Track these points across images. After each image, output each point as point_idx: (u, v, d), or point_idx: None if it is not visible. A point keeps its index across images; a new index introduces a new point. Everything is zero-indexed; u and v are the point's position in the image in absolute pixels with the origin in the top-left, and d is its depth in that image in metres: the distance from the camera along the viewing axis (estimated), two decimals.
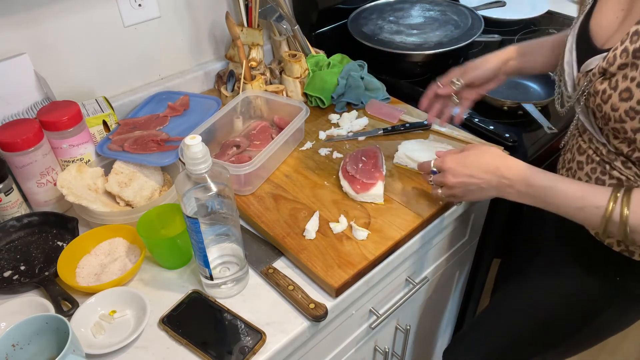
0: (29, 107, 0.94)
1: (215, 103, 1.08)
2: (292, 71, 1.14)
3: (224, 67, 1.24)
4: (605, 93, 0.65)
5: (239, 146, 0.99)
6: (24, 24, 0.93)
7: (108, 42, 1.05)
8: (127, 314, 0.74)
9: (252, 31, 1.13)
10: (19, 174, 0.85)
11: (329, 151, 1.00)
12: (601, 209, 0.64)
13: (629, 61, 0.61)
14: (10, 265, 0.81)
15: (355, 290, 0.77)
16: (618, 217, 0.63)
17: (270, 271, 0.78)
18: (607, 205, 0.64)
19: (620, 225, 0.64)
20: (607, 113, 0.65)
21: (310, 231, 0.81)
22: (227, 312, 0.73)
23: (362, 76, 1.15)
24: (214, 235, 0.70)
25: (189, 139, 0.62)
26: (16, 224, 0.85)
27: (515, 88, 1.19)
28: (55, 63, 1.00)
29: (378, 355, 1.03)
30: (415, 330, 1.17)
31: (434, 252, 1.00)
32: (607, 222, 0.64)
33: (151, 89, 1.14)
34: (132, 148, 0.93)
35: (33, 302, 0.73)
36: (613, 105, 0.64)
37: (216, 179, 0.65)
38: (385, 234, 0.81)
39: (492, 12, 1.45)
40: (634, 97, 0.61)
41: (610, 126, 0.67)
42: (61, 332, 0.62)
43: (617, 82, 0.63)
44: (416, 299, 1.06)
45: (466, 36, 1.26)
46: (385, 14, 1.40)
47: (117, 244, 0.82)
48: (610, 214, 0.64)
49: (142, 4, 1.06)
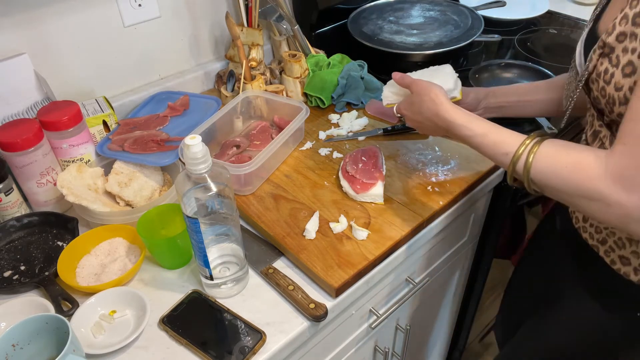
0: (29, 107, 0.94)
1: (215, 103, 1.08)
2: (292, 71, 1.14)
3: (224, 67, 1.24)
4: (608, 72, 0.62)
5: (239, 146, 0.99)
6: (24, 24, 0.93)
7: (108, 42, 1.05)
8: (127, 314, 0.74)
9: (252, 31, 1.13)
10: (19, 174, 0.85)
11: (329, 151, 1.00)
12: (510, 155, 0.66)
13: (629, 30, 0.59)
14: (10, 265, 0.81)
15: (355, 290, 0.77)
16: (523, 164, 0.65)
17: (270, 271, 0.78)
18: (515, 151, 0.66)
19: (524, 172, 0.65)
20: (611, 95, 0.62)
21: (310, 231, 0.81)
22: (227, 312, 0.73)
23: (362, 76, 1.15)
24: (214, 235, 0.70)
25: (189, 139, 0.62)
26: (16, 224, 0.85)
27: None
28: (55, 63, 1.00)
29: (378, 355, 1.03)
30: (415, 330, 1.17)
31: (434, 252, 1.00)
32: (513, 167, 0.66)
33: (151, 89, 1.14)
34: (132, 148, 0.93)
35: (33, 302, 0.73)
36: (617, 84, 0.61)
37: (216, 179, 0.65)
38: (385, 234, 0.81)
39: (492, 12, 1.45)
40: (637, 69, 0.58)
41: (615, 112, 0.63)
42: (61, 332, 0.62)
43: (618, 58, 0.61)
44: (416, 299, 1.06)
45: (466, 36, 1.26)
46: (385, 14, 1.40)
47: (117, 244, 0.82)
48: (517, 160, 0.66)
49: (142, 4, 1.06)
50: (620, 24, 0.60)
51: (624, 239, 0.69)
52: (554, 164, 0.62)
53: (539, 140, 0.65)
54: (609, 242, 0.72)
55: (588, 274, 0.78)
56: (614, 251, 0.71)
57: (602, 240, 0.73)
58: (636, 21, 0.58)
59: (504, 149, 0.68)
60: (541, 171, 0.64)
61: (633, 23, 0.58)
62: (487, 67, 1.22)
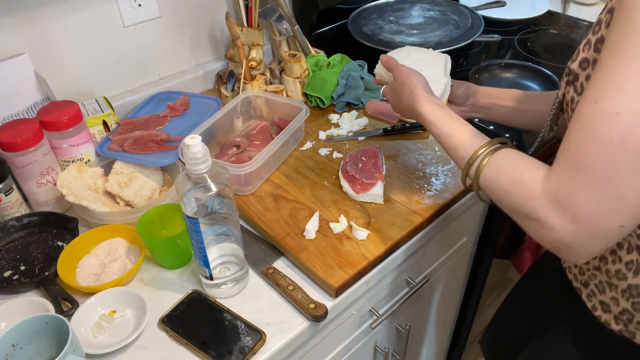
0: (29, 107, 0.94)
1: (215, 103, 1.08)
2: (292, 71, 1.14)
3: (224, 67, 1.24)
4: (574, 101, 0.60)
5: (239, 146, 0.99)
6: (24, 24, 0.93)
7: (108, 42, 1.05)
8: (127, 314, 0.74)
9: (252, 31, 1.13)
10: (19, 174, 0.85)
11: (329, 151, 1.00)
12: (465, 158, 0.64)
13: (591, 56, 0.56)
14: (10, 265, 0.81)
15: (355, 290, 0.77)
16: (475, 167, 0.63)
17: (270, 271, 0.78)
18: (474, 152, 0.63)
19: (475, 175, 0.62)
20: None
21: (310, 231, 0.81)
22: (227, 312, 0.73)
23: (362, 76, 1.15)
24: (214, 235, 0.70)
25: (189, 139, 0.62)
26: (16, 224, 0.85)
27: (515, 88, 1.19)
28: (55, 63, 1.00)
29: (378, 355, 1.03)
30: (415, 330, 1.17)
31: (434, 252, 1.00)
32: (467, 170, 0.64)
33: (151, 89, 1.14)
34: (132, 148, 0.93)
35: (33, 302, 0.73)
36: None
37: (216, 179, 0.65)
38: (385, 234, 0.81)
39: (492, 12, 1.45)
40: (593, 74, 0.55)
41: None
42: (61, 332, 0.62)
43: (582, 86, 0.58)
44: (416, 299, 1.06)
45: (466, 36, 1.26)
46: (385, 14, 1.40)
47: (117, 244, 0.82)
48: (472, 163, 0.63)
49: (142, 4, 1.06)
50: (583, 50, 0.58)
51: (604, 283, 0.65)
52: (499, 175, 0.60)
53: (497, 148, 0.62)
54: (591, 285, 0.68)
55: (573, 321, 0.74)
56: (595, 296, 0.67)
57: (584, 282, 0.69)
58: (598, 47, 0.55)
59: (463, 152, 0.65)
60: (488, 180, 0.61)
61: (595, 49, 0.56)
62: (487, 67, 1.22)
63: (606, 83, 0.48)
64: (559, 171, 0.52)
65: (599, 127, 0.48)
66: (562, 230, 0.51)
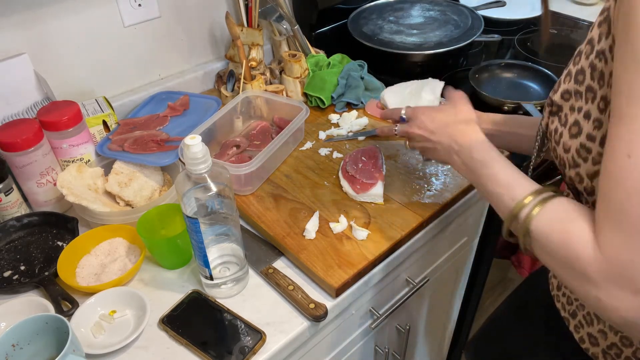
0: (29, 107, 0.94)
1: (215, 103, 1.08)
2: (292, 71, 1.14)
3: (224, 67, 1.24)
4: (557, 132, 0.57)
5: (239, 146, 0.99)
6: (24, 24, 0.93)
7: (108, 42, 1.05)
8: (127, 314, 0.74)
9: (252, 31, 1.13)
10: (19, 174, 0.85)
11: (329, 151, 1.00)
12: (515, 201, 0.57)
13: (572, 88, 0.54)
14: (10, 265, 0.81)
15: (355, 290, 0.77)
16: (525, 215, 0.55)
17: (270, 271, 0.78)
18: (522, 199, 0.56)
19: (523, 224, 0.55)
20: (561, 157, 0.56)
21: (310, 231, 0.81)
22: (227, 312, 0.73)
23: (362, 76, 1.15)
24: (214, 235, 0.70)
25: (189, 139, 0.62)
26: (16, 224, 0.85)
27: (515, 88, 1.19)
28: (55, 63, 1.00)
29: (378, 355, 1.03)
30: (415, 330, 1.17)
31: (434, 252, 1.00)
32: (513, 217, 0.57)
33: (151, 89, 1.14)
34: (132, 148, 0.93)
35: (33, 302, 0.73)
36: (565, 145, 0.55)
37: (216, 179, 0.65)
38: (385, 234, 0.81)
39: (492, 12, 1.45)
40: (582, 131, 0.52)
41: (567, 175, 0.57)
42: (61, 332, 0.62)
43: (567, 117, 0.55)
44: (416, 299, 1.06)
45: (466, 36, 1.26)
46: (385, 14, 1.40)
47: (117, 244, 0.82)
48: (519, 210, 0.55)
49: (142, 4, 1.06)
50: (564, 82, 0.56)
51: (592, 315, 0.62)
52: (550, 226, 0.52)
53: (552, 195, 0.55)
54: (579, 316, 0.65)
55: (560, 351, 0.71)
56: (582, 327, 0.64)
57: (572, 312, 0.66)
58: (578, 79, 0.54)
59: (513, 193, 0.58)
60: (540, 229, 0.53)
61: (575, 81, 0.54)
62: (487, 67, 1.22)
63: (635, 135, 0.43)
64: (608, 237, 0.45)
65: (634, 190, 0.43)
66: (626, 306, 0.44)
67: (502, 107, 1.10)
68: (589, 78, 0.52)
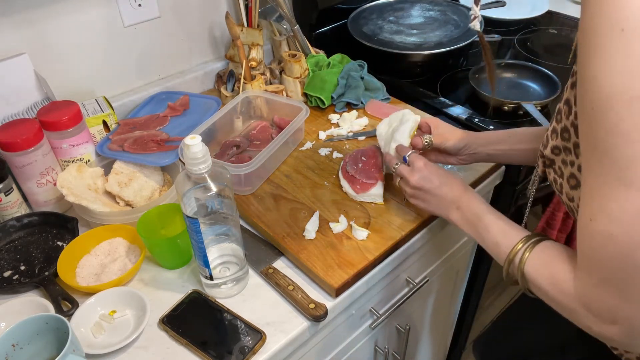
0: (29, 107, 0.94)
1: (215, 103, 1.08)
2: (292, 71, 1.14)
3: (224, 67, 1.24)
4: (557, 182, 0.61)
5: (239, 146, 0.99)
6: (24, 24, 0.93)
7: (108, 42, 1.05)
8: (127, 314, 0.74)
9: (252, 31, 1.13)
10: (19, 174, 0.85)
11: (329, 151, 1.00)
12: (509, 248, 0.62)
13: (560, 144, 0.57)
14: (10, 265, 0.81)
15: (355, 290, 0.77)
16: (518, 260, 0.60)
17: (270, 271, 0.78)
18: (514, 246, 0.62)
19: (518, 268, 0.60)
20: (567, 204, 0.60)
21: (310, 231, 0.81)
22: (227, 312, 0.73)
23: (362, 76, 1.15)
24: (214, 235, 0.70)
25: (189, 139, 0.62)
26: (16, 224, 0.85)
27: (515, 88, 1.19)
28: (55, 63, 1.00)
29: (378, 355, 1.03)
30: (415, 330, 1.17)
31: (434, 252, 1.00)
32: (509, 263, 0.62)
33: (151, 89, 1.14)
34: (132, 148, 0.93)
35: (33, 302, 0.73)
36: (568, 195, 0.59)
37: (216, 179, 0.65)
38: (385, 234, 0.81)
39: (492, 12, 1.45)
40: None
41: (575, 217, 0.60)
42: (61, 332, 0.62)
43: (561, 169, 0.59)
44: (416, 299, 1.06)
45: (466, 36, 1.26)
46: (385, 14, 1.40)
47: (117, 244, 0.82)
48: (513, 256, 0.61)
49: (142, 4, 1.06)
50: (551, 138, 0.59)
51: None
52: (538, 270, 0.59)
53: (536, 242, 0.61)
54: None
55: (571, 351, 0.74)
56: None
57: None
58: (564, 136, 0.56)
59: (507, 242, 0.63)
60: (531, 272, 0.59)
61: (562, 138, 0.57)
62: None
63: (595, 203, 0.47)
64: (581, 279, 0.52)
65: (599, 245, 0.48)
66: (611, 332, 0.51)
67: (502, 107, 1.10)
68: (574, 136, 0.55)
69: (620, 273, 0.47)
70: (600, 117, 0.44)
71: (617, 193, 0.45)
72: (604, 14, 0.43)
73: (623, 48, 0.42)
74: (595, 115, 0.45)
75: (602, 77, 0.44)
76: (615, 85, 0.43)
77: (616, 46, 0.42)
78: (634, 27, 0.41)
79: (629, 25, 0.41)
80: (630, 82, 0.42)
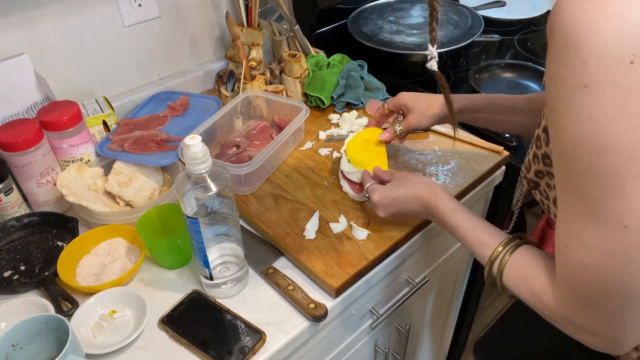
0: (29, 107, 0.94)
1: (215, 103, 1.08)
2: (292, 71, 1.14)
3: (224, 67, 1.24)
4: (544, 203, 0.62)
5: (239, 146, 0.99)
6: (24, 24, 0.93)
7: (108, 42, 1.05)
8: (127, 314, 0.74)
9: (252, 31, 1.13)
10: (19, 174, 0.85)
11: (329, 151, 1.00)
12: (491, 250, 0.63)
13: (543, 169, 0.58)
14: (10, 265, 0.81)
15: (355, 290, 0.77)
16: (498, 264, 0.62)
17: (270, 271, 0.78)
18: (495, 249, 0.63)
19: (498, 271, 0.62)
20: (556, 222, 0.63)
21: (310, 231, 0.81)
22: (227, 312, 0.73)
23: (362, 76, 1.15)
24: (214, 235, 0.70)
25: (189, 139, 0.62)
26: (16, 224, 0.85)
27: (515, 88, 1.19)
28: (55, 63, 1.00)
29: (378, 355, 1.03)
30: (415, 330, 1.17)
31: (434, 252, 1.00)
32: (490, 265, 0.63)
33: (151, 89, 1.14)
34: (132, 148, 0.93)
35: (33, 302, 0.73)
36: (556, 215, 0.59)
37: (216, 179, 0.65)
38: (385, 234, 0.81)
39: (492, 12, 1.45)
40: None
41: None
42: (61, 332, 0.62)
43: (546, 192, 0.60)
44: (416, 299, 1.06)
45: (466, 36, 1.25)
46: (385, 14, 1.40)
47: (117, 244, 0.82)
48: (494, 259, 0.62)
49: (142, 4, 1.06)
50: (533, 163, 0.60)
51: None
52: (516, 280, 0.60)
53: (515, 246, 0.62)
54: None
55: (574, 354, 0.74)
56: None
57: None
58: (546, 162, 0.58)
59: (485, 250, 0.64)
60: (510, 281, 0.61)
61: (544, 163, 0.58)
62: (487, 67, 1.22)
63: (572, 233, 0.49)
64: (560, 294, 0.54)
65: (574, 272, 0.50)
66: (593, 342, 0.53)
67: None
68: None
69: (595, 298, 0.49)
70: (571, 161, 0.46)
71: (591, 229, 0.46)
72: (568, 67, 0.43)
73: (588, 103, 0.43)
74: (566, 159, 0.46)
75: (570, 126, 0.45)
76: (583, 135, 0.44)
77: (582, 100, 0.43)
78: (595, 83, 0.42)
79: (591, 82, 0.42)
80: (599, 130, 0.42)
